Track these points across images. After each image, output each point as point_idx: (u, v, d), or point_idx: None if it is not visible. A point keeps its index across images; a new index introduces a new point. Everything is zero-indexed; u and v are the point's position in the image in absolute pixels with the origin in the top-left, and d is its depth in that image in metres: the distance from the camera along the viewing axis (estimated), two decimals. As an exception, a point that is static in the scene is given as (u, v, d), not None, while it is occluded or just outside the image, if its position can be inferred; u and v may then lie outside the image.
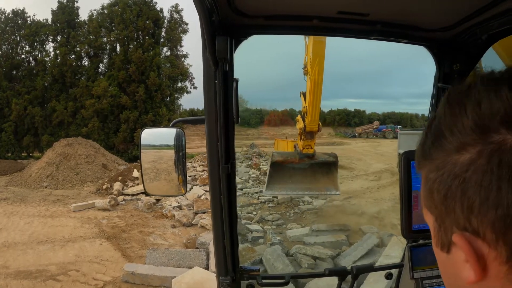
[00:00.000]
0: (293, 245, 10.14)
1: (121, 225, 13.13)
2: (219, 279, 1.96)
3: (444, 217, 0.64)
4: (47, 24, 38.56)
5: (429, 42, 1.89)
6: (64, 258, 9.95)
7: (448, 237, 0.64)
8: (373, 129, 62.27)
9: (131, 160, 30.33)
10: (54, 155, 22.56)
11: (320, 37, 10.26)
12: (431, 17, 1.65)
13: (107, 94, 35.50)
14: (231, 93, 1.62)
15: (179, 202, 15.11)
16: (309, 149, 11.10)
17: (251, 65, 71.12)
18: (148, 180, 1.89)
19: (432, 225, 0.70)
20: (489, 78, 0.61)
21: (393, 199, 16.40)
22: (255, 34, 1.69)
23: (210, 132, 1.65)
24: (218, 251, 1.91)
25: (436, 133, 0.65)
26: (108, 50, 39.14)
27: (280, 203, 15.42)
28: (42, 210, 15.33)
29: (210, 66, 1.54)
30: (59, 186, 20.28)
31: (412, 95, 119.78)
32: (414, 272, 1.92)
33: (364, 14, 1.58)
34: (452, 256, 0.65)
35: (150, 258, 9.16)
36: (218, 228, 1.84)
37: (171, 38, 39.24)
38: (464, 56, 1.86)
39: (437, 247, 0.69)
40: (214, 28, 1.43)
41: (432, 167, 0.65)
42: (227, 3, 1.44)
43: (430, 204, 0.68)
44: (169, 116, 36.94)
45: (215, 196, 1.76)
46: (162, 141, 1.89)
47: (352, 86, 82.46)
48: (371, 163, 28.23)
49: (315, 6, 1.58)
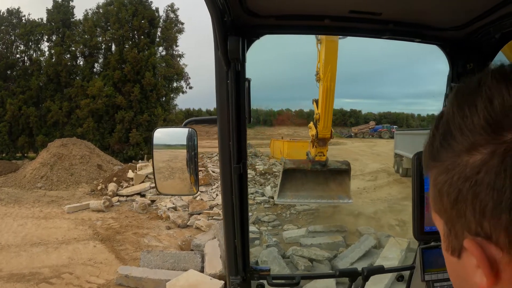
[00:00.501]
0: (290, 247, 10.06)
1: (115, 226, 13.02)
2: (230, 278, 1.97)
3: (455, 222, 0.62)
4: (42, 24, 38.31)
5: (442, 41, 1.87)
6: (57, 261, 9.83)
7: (459, 242, 0.62)
8: (369, 129, 62.64)
9: (126, 160, 30.17)
10: (49, 155, 22.40)
11: (332, 43, 10.34)
12: (444, 16, 1.64)
13: (102, 94, 35.30)
14: (243, 93, 1.63)
15: (174, 203, 15.03)
16: (322, 157, 11.24)
17: (257, 64, 71.91)
18: (160, 179, 1.91)
19: (442, 229, 0.68)
20: (500, 72, 0.58)
21: (390, 200, 16.42)
22: (267, 34, 1.70)
23: (222, 132, 1.67)
24: (229, 251, 1.93)
25: (444, 133, 0.63)
26: (103, 50, 38.90)
27: (276, 203, 15.37)
28: (36, 211, 15.20)
29: (222, 66, 1.55)
30: (54, 187, 20.12)
31: (408, 95, 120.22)
32: (426, 274, 1.92)
33: (376, 13, 1.58)
34: (463, 261, 0.63)
35: (144, 261, 9.06)
36: (229, 228, 1.85)
37: (167, 37, 39.15)
38: (478, 55, 1.84)
39: (447, 252, 0.67)
40: (226, 28, 1.45)
41: (441, 169, 0.63)
42: (239, 4, 1.45)
43: (439, 207, 0.66)
44: (165, 116, 36.94)
45: (226, 196, 1.78)
46: (174, 141, 1.91)
47: (348, 86, 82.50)
48: (368, 163, 28.24)
49: (326, 6, 1.59)
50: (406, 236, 10.75)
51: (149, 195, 16.93)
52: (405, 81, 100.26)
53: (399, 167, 22.90)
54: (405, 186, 19.86)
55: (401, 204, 15.86)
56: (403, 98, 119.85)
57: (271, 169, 22.58)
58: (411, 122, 77.50)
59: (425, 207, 1.77)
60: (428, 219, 1.79)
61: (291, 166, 11.47)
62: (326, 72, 10.54)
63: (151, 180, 18.81)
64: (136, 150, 34.99)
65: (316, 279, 7.19)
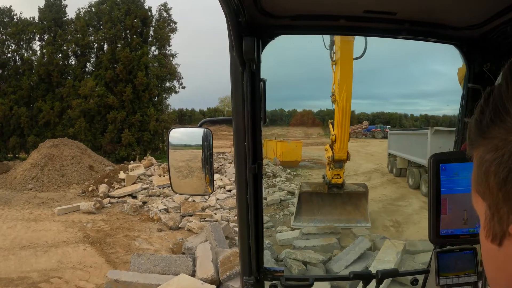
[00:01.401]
0: (283, 249, 9.96)
1: (106, 229, 12.86)
2: (243, 279, 1.99)
3: (501, 205, 0.58)
4: (34, 22, 38.03)
5: (458, 41, 1.87)
6: (46, 265, 9.67)
7: (502, 228, 0.58)
8: (363, 129, 62.98)
9: (118, 161, 30.03)
10: (40, 156, 22.17)
11: (347, 64, 10.44)
12: (460, 15, 1.64)
13: (94, 94, 35.07)
14: (258, 93, 1.64)
15: (165, 204, 14.91)
16: (338, 179, 11.31)
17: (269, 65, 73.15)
18: (175, 179, 1.91)
19: (484, 213, 0.64)
20: None
21: (384, 200, 16.42)
22: (282, 35, 1.71)
23: (237, 132, 1.70)
24: (243, 251, 1.94)
25: (496, 108, 0.58)
26: (95, 49, 38.76)
27: (269, 204, 15.32)
28: (26, 213, 14.99)
29: (237, 67, 1.57)
30: (44, 188, 19.91)
31: (401, 95, 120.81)
32: (441, 278, 1.91)
33: (392, 13, 1.58)
34: (504, 249, 0.59)
35: (134, 264, 8.91)
36: (243, 228, 1.87)
37: (159, 37, 38.97)
38: (494, 54, 1.83)
39: (487, 238, 0.63)
40: (241, 29, 1.45)
41: (490, 147, 0.59)
42: (254, 4, 1.47)
43: (483, 189, 0.62)
44: (157, 116, 36.74)
45: (241, 196, 1.80)
46: (190, 141, 1.91)
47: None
48: (361, 163, 28.35)
49: (341, 6, 1.59)
50: (402, 238, 10.71)
51: (141, 196, 16.80)
52: (398, 81, 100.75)
53: (392, 167, 22.99)
54: (399, 186, 19.91)
55: (395, 204, 15.87)
56: (396, 98, 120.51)
57: (264, 169, 22.51)
58: (404, 122, 78.07)
59: (441, 209, 1.76)
60: (444, 222, 1.78)
61: (307, 189, 11.50)
62: (342, 92, 10.65)
63: (142, 181, 18.70)
64: (128, 150, 34.81)
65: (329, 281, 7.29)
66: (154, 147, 36.33)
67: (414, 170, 18.48)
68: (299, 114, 78.75)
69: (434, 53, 58.06)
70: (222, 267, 8.36)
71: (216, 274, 8.27)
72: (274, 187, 19.32)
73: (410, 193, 17.95)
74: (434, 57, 73.89)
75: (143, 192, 17.37)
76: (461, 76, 3.51)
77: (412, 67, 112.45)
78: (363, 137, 59.84)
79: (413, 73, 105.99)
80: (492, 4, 1.49)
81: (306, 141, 45.06)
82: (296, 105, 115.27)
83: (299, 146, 29.12)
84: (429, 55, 75.17)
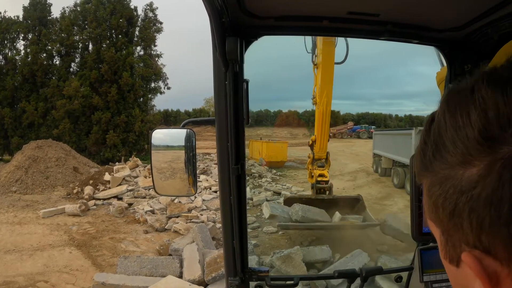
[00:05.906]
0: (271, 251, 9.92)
1: (91, 231, 12.79)
2: (228, 279, 1.99)
3: (452, 233, 0.60)
4: (18, 21, 37.57)
5: (440, 43, 1.89)
6: (32, 268, 9.61)
7: (457, 252, 0.61)
8: (348, 130, 63.24)
9: (103, 162, 29.77)
10: (23, 158, 21.88)
11: (328, 70, 10.70)
12: (442, 17, 1.67)
13: (78, 94, 34.74)
14: (241, 94, 1.65)
15: (151, 206, 14.86)
16: (324, 178, 11.36)
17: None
18: (158, 180, 1.92)
19: (439, 238, 0.67)
20: (495, 78, 0.56)
21: (370, 199, 16.51)
22: (265, 35, 1.72)
23: (220, 133, 1.69)
24: (228, 252, 1.94)
25: (436, 143, 0.60)
26: (80, 49, 38.32)
27: (255, 205, 15.31)
28: (10, 216, 14.81)
29: (220, 67, 1.56)
30: (29, 190, 19.64)
31: (385, 96, 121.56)
32: (424, 275, 1.95)
33: (375, 14, 1.60)
34: (462, 270, 0.61)
35: (121, 267, 8.91)
36: (227, 228, 1.87)
37: (145, 37, 38.68)
38: (476, 56, 1.86)
39: (446, 260, 0.66)
40: (224, 29, 1.47)
41: (435, 181, 0.61)
42: (237, 4, 1.47)
43: (435, 218, 0.64)
44: (142, 117, 36.45)
45: (225, 196, 1.79)
46: (173, 142, 1.92)
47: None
48: (347, 163, 28.49)
49: (325, 7, 1.60)
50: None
51: (127, 198, 16.73)
52: (383, 82, 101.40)
53: (378, 167, 23.15)
54: (384, 185, 20.07)
55: (381, 203, 16.00)
56: (381, 99, 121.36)
57: (249, 170, 22.57)
58: (389, 122, 78.72)
59: (423, 208, 1.77)
60: (426, 220, 1.79)
61: (291, 196, 11.53)
62: (322, 97, 10.97)
63: (128, 183, 18.61)
64: (113, 152, 34.58)
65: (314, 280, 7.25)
66: (140, 148, 35.98)
67: (399, 170, 18.64)
68: (284, 115, 78.76)
69: (418, 54, 58.51)
70: (208, 268, 8.40)
71: (203, 275, 8.31)
72: (260, 188, 19.37)
73: (395, 192, 18.10)
74: (418, 58, 74.66)
75: (129, 193, 17.29)
76: (439, 79, 3.60)
77: (396, 68, 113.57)
78: (348, 137, 59.95)
79: (397, 74, 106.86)
80: (474, 7, 1.53)
81: (292, 141, 45.11)
82: (281, 105, 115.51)
83: (284, 147, 29.23)
84: (413, 56, 75.77)
